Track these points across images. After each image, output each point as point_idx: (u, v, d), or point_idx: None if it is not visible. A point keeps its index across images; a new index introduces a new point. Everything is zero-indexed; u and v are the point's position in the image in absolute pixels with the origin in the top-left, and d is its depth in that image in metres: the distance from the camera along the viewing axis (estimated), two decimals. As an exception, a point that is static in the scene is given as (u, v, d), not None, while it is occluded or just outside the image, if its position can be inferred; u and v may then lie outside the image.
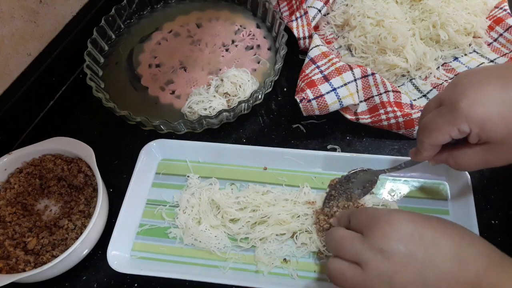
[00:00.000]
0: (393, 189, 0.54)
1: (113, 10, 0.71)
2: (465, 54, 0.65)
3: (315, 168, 0.56)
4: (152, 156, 0.59)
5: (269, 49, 0.70)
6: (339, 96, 0.58)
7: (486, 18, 0.67)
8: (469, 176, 0.52)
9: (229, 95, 0.63)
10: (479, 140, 0.39)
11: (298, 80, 0.63)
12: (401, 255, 0.36)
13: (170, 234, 0.53)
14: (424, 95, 0.62)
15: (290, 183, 0.56)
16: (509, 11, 0.65)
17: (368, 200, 0.53)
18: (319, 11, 0.68)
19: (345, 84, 0.58)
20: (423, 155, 0.45)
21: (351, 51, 0.67)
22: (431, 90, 0.62)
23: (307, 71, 0.62)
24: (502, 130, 0.37)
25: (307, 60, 0.63)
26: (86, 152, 0.55)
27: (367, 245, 0.38)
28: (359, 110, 0.60)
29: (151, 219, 0.55)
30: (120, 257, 0.51)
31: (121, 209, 0.53)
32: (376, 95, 0.59)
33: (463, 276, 0.35)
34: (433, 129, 0.41)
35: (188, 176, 0.58)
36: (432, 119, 0.41)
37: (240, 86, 0.63)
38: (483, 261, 0.35)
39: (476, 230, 0.49)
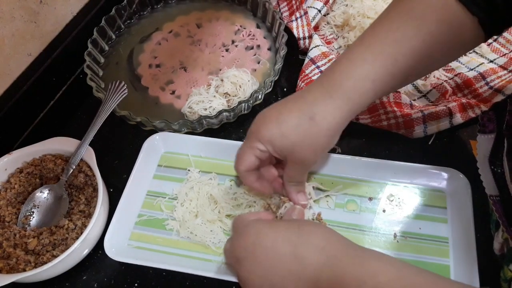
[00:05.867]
0: (392, 194, 0.54)
1: (113, 10, 0.71)
2: (465, 54, 0.65)
3: (314, 168, 0.56)
4: (155, 148, 0.59)
5: (269, 49, 0.70)
6: (339, 96, 0.58)
7: (486, 18, 0.67)
8: (469, 185, 0.51)
9: (229, 95, 0.63)
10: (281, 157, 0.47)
11: (298, 80, 0.63)
12: (247, 262, 0.40)
13: (167, 226, 0.54)
14: (424, 95, 0.62)
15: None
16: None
17: None
18: (319, 11, 0.68)
19: (345, 84, 0.58)
20: (245, 182, 0.49)
21: (351, 51, 0.67)
22: (431, 90, 0.62)
23: (307, 71, 0.62)
24: (286, 144, 0.45)
25: (307, 60, 0.64)
26: (86, 152, 0.55)
27: (228, 253, 0.42)
28: (359, 110, 0.60)
29: (150, 210, 0.55)
30: (118, 245, 0.51)
31: (121, 198, 0.53)
32: (376, 95, 0.59)
33: (304, 274, 0.37)
34: (241, 155, 0.47)
35: (189, 170, 0.58)
36: (239, 148, 0.48)
37: (240, 86, 0.63)
38: (318, 255, 0.37)
39: (473, 240, 0.48)
